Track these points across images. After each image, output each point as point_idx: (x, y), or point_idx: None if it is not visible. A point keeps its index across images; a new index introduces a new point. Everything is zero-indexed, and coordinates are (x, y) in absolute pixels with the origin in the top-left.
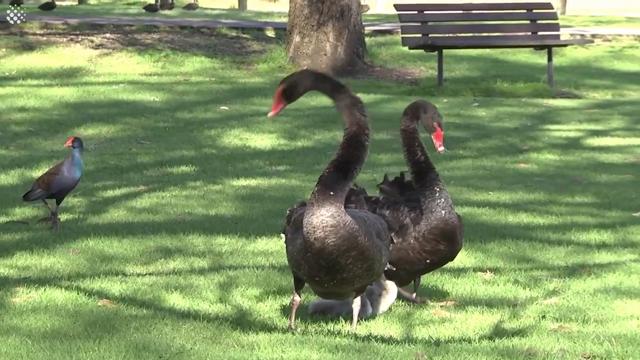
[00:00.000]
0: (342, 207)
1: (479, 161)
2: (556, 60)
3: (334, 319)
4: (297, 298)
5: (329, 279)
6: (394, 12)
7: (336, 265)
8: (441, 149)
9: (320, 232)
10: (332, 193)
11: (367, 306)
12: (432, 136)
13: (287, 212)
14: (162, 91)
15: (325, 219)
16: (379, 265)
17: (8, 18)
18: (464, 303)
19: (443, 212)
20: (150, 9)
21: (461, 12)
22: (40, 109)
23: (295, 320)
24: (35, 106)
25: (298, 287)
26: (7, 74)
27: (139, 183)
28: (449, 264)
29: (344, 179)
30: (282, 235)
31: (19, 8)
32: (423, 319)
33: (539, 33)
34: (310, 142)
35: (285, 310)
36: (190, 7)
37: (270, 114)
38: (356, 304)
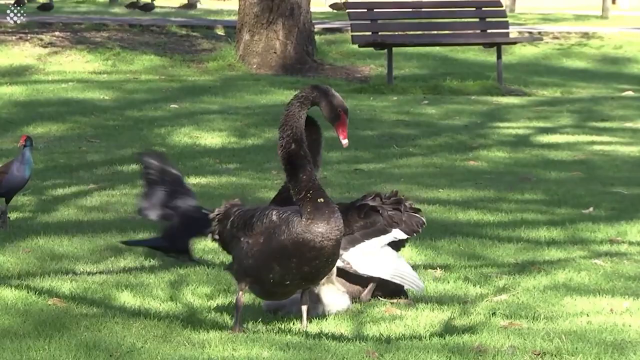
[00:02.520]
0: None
1: (428, 159)
2: (505, 58)
3: (285, 317)
4: (242, 299)
5: (301, 280)
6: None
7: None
8: None
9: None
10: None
11: (319, 303)
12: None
13: (223, 212)
14: (111, 89)
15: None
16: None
17: (8, 18)
18: (414, 300)
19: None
20: (145, 7)
21: (410, 10)
22: None
23: (240, 323)
24: None
25: (243, 288)
26: None
27: (89, 181)
28: None
29: None
30: (214, 237)
31: (19, 8)
32: (374, 317)
33: (488, 31)
34: (260, 140)
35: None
36: (190, 6)
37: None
38: (305, 301)
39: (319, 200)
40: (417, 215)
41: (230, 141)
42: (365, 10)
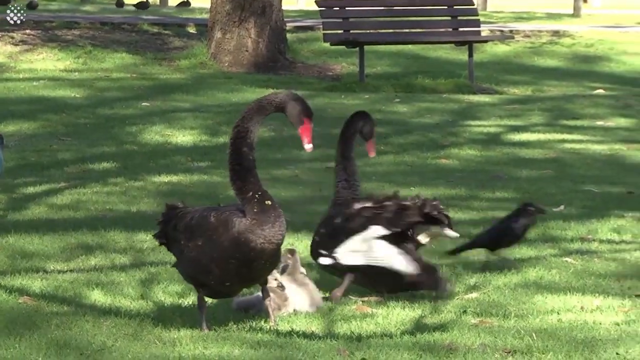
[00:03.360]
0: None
1: (400, 157)
2: (477, 56)
3: (256, 315)
4: (203, 299)
5: (241, 282)
6: (315, 8)
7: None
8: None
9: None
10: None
11: (288, 303)
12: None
13: (166, 215)
14: (83, 87)
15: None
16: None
17: (8, 18)
18: (385, 298)
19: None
20: (141, 5)
21: (382, 8)
22: None
23: (206, 322)
24: None
25: (199, 289)
26: None
27: (59, 180)
28: None
29: None
30: (161, 240)
31: (19, 8)
32: (345, 315)
33: (460, 29)
34: None
35: (207, 307)
36: (184, 4)
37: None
38: (266, 296)
39: (266, 202)
40: (406, 213)
41: (202, 139)
42: (337, 8)
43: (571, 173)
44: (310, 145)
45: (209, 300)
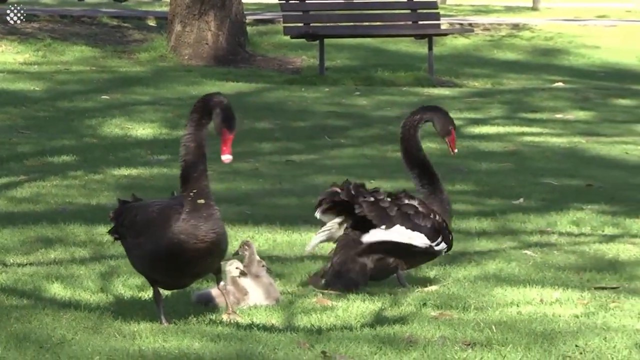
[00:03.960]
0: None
1: (360, 150)
2: (437, 50)
3: (215, 309)
4: (158, 293)
5: (188, 277)
6: (275, 1)
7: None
8: None
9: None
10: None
11: (246, 297)
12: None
13: (118, 210)
14: (42, 80)
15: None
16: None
17: (8, 18)
18: (346, 291)
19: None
20: None
21: (342, 1)
22: None
23: (165, 316)
24: None
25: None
26: None
27: (19, 173)
28: None
29: None
30: (114, 235)
31: (19, 8)
32: (305, 307)
33: (420, 22)
34: None
35: (167, 300)
36: None
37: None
38: (219, 280)
39: (199, 201)
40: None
41: (162, 132)
42: (297, 1)
43: (530, 166)
44: (228, 157)
45: (167, 292)
